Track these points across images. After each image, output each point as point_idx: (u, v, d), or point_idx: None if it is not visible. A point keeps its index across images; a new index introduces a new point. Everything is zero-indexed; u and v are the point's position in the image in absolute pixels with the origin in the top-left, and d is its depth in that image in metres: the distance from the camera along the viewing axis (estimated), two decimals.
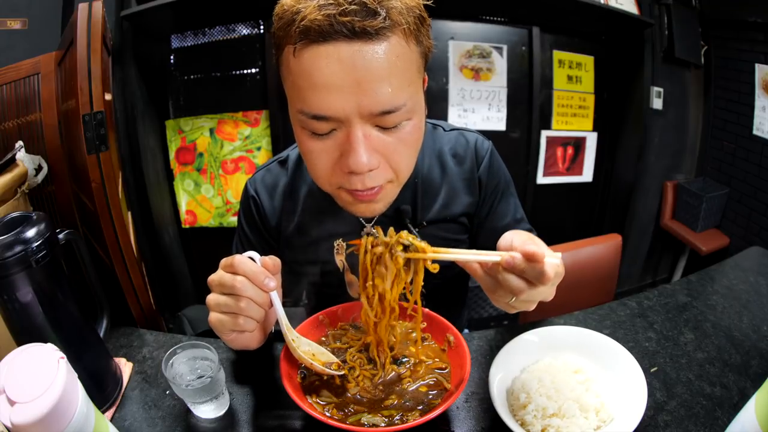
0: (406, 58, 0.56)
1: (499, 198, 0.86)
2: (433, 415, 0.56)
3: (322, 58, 0.53)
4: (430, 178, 0.81)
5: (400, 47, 0.55)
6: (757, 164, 2.19)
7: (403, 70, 0.56)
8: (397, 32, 0.54)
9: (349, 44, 0.52)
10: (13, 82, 1.01)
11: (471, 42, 2.12)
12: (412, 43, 0.57)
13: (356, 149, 0.56)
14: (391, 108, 0.55)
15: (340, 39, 0.52)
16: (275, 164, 0.86)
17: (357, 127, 0.55)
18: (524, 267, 0.51)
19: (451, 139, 0.84)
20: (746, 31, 2.13)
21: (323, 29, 0.51)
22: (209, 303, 0.59)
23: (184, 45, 2.00)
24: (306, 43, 0.53)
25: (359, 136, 0.56)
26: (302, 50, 0.53)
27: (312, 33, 0.52)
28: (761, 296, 0.91)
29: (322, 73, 0.53)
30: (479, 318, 2.39)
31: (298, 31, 0.53)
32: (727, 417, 0.63)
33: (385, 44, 0.53)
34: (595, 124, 2.37)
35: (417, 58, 0.59)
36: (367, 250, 0.59)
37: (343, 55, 0.52)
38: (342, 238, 0.82)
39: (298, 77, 0.55)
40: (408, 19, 0.55)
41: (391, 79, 0.54)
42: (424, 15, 0.58)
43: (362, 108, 0.54)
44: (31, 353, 0.49)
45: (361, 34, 0.52)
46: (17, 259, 0.57)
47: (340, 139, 0.57)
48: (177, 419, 0.68)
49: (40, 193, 1.01)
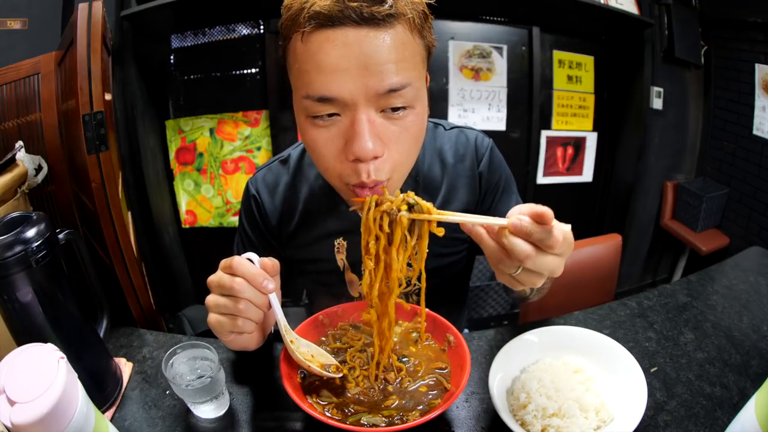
0: (411, 47, 0.58)
1: (500, 195, 0.86)
2: (433, 415, 0.56)
3: (329, 41, 0.54)
4: (431, 176, 0.81)
5: (405, 36, 0.57)
6: (757, 164, 2.19)
7: (407, 57, 0.57)
8: (402, 22, 0.56)
9: (357, 29, 0.54)
10: (13, 82, 1.01)
11: (471, 42, 2.12)
12: (417, 35, 0.59)
13: (361, 134, 0.56)
14: (397, 86, 0.56)
15: (348, 24, 0.54)
16: (276, 163, 0.86)
17: (361, 112, 0.56)
18: (531, 229, 0.48)
19: (451, 137, 0.84)
20: (746, 31, 2.13)
21: (332, 14, 0.53)
22: (208, 304, 0.59)
23: (184, 45, 2.00)
24: (314, 28, 0.54)
25: (363, 121, 0.56)
26: (310, 34, 0.55)
27: (321, 17, 0.54)
28: (761, 296, 0.91)
29: (329, 56, 0.54)
30: (479, 318, 2.39)
31: (308, 16, 0.54)
32: (727, 417, 0.63)
33: (392, 31, 0.55)
34: (595, 124, 2.37)
35: (421, 50, 0.61)
36: (370, 208, 0.57)
37: (350, 39, 0.54)
38: (343, 236, 0.82)
39: (305, 61, 0.56)
40: (413, 12, 0.57)
41: (396, 62, 0.56)
42: (427, 12, 0.60)
43: (368, 89, 0.55)
44: (31, 353, 0.49)
45: (369, 20, 0.54)
46: (17, 259, 0.57)
47: (345, 126, 0.58)
48: (177, 419, 0.68)
49: (40, 193, 1.01)
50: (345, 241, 0.82)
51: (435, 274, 0.83)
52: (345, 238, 0.82)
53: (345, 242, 0.82)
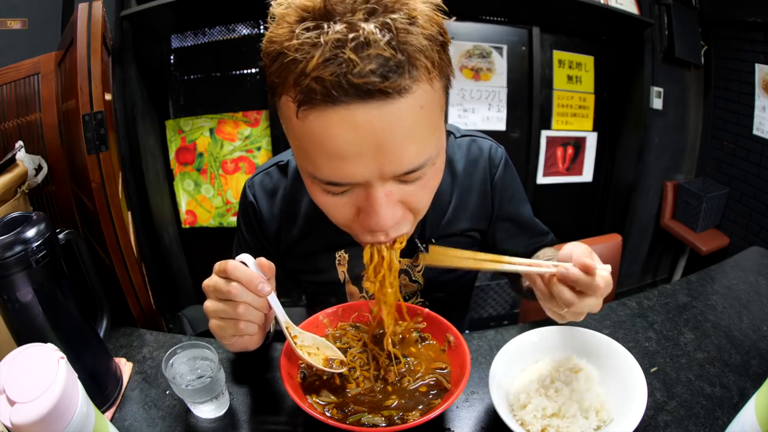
0: (431, 103, 0.47)
1: (515, 206, 0.85)
2: (433, 415, 0.56)
3: (333, 124, 0.44)
4: (440, 190, 0.77)
5: (424, 95, 0.46)
6: (757, 164, 2.19)
7: (428, 120, 0.48)
8: (421, 78, 0.45)
9: (365, 107, 0.43)
10: (13, 82, 1.01)
11: (471, 42, 2.12)
12: (436, 81, 0.47)
13: (378, 211, 0.50)
14: (417, 166, 0.49)
15: (353, 101, 0.43)
16: (275, 168, 0.82)
17: (378, 188, 0.49)
18: (577, 278, 0.53)
19: (462, 147, 0.80)
20: (746, 31, 2.13)
21: (332, 93, 0.42)
22: (207, 310, 0.58)
23: (184, 45, 2.00)
24: (311, 106, 0.44)
25: (380, 197, 0.49)
26: (307, 112, 0.45)
27: (318, 95, 0.43)
28: (761, 296, 0.91)
29: (335, 141, 0.45)
30: (479, 318, 2.39)
31: (300, 90, 0.44)
32: (727, 417, 0.63)
33: (409, 98, 0.44)
34: (595, 124, 2.37)
35: (440, 97, 0.50)
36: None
37: (358, 119, 0.43)
38: (344, 249, 0.80)
39: (306, 142, 0.47)
40: (432, 55, 0.45)
41: (416, 135, 0.47)
42: (445, 38, 0.49)
43: (384, 173, 0.47)
44: (31, 353, 0.49)
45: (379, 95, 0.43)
46: (17, 259, 0.57)
47: (359, 196, 0.51)
48: (177, 419, 0.68)
49: (40, 193, 1.01)
50: (347, 254, 0.80)
51: (442, 288, 0.83)
52: (347, 251, 0.80)
53: (347, 255, 0.80)
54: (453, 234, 0.80)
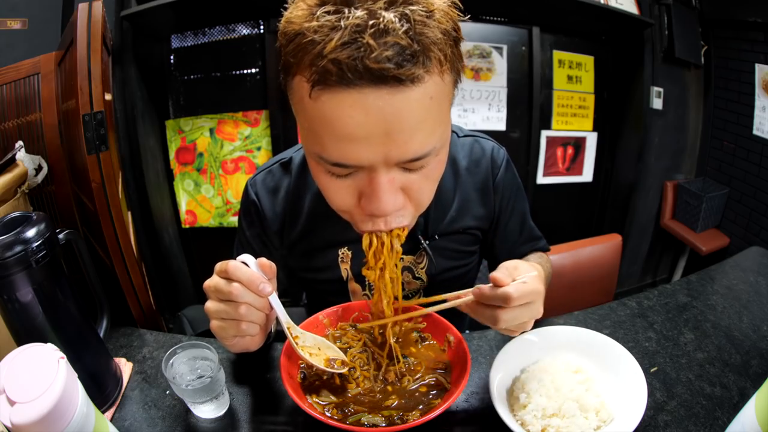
0: (440, 95, 0.49)
1: (514, 204, 0.86)
2: (433, 415, 0.56)
3: (345, 106, 0.45)
4: (443, 188, 0.78)
5: (434, 86, 0.47)
6: (757, 164, 2.19)
7: (436, 111, 0.49)
8: (433, 70, 0.46)
9: (377, 90, 0.44)
10: (13, 82, 1.01)
11: (471, 42, 2.12)
12: (447, 74, 0.49)
13: (380, 196, 0.51)
14: (422, 154, 0.50)
15: (367, 84, 0.44)
16: (277, 166, 0.82)
17: (381, 173, 0.50)
18: (486, 294, 0.55)
19: (465, 146, 0.81)
20: (746, 31, 2.13)
21: (347, 75, 0.43)
22: (208, 310, 0.58)
23: (184, 45, 2.00)
24: (325, 87, 0.45)
25: (383, 182, 0.51)
26: (321, 92, 0.46)
27: (333, 76, 0.44)
28: (761, 296, 0.91)
29: (346, 123, 0.46)
30: None
31: (316, 71, 0.45)
32: (727, 417, 0.63)
33: (420, 87, 0.46)
34: (595, 124, 2.38)
35: (450, 90, 0.52)
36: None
37: (369, 103, 0.45)
38: (348, 246, 0.80)
39: (316, 123, 0.49)
40: (446, 49, 0.47)
41: (424, 124, 0.48)
42: (459, 34, 0.50)
43: (390, 158, 0.49)
44: (31, 353, 0.49)
45: (392, 81, 0.44)
46: (17, 259, 0.57)
47: (362, 180, 0.52)
48: (177, 419, 0.68)
49: (40, 193, 1.01)
50: (350, 251, 0.80)
51: (445, 287, 0.83)
52: (350, 248, 0.80)
53: (350, 252, 0.80)
54: (456, 231, 0.81)
